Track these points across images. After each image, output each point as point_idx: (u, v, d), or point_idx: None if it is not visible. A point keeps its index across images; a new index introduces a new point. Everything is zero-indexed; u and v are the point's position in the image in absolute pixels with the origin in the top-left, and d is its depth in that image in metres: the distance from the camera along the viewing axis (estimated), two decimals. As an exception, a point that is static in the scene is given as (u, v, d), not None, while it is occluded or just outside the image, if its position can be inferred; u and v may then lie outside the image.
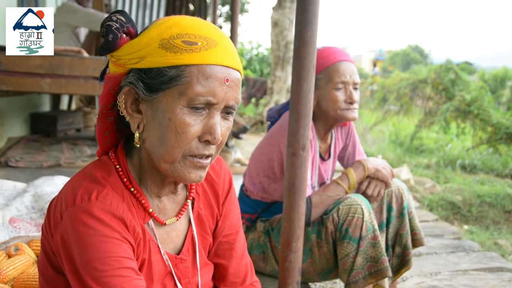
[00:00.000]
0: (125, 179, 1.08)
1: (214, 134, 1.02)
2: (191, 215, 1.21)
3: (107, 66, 1.09)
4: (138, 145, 1.07)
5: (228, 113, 1.06)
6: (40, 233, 1.97)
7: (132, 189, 1.08)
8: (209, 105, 1.01)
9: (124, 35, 1.02)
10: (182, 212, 1.18)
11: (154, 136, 1.03)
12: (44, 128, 5.42)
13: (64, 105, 6.73)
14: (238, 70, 1.05)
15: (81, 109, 6.61)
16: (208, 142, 1.03)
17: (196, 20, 1.04)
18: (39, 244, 1.89)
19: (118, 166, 1.09)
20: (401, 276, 2.30)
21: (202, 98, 0.99)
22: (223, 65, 1.01)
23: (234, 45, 1.07)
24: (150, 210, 1.11)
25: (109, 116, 1.10)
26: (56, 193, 2.44)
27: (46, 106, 6.40)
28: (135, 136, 1.06)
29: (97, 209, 0.98)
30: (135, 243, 1.04)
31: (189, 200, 1.20)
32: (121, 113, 1.05)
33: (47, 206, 2.37)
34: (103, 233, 0.97)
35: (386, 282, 2.07)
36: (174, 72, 0.98)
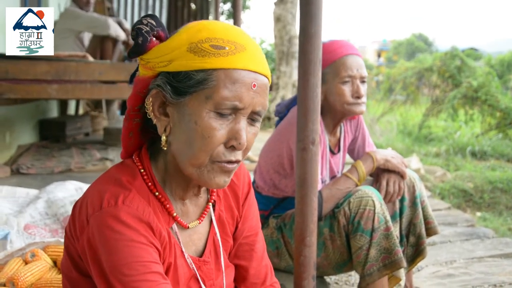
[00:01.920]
0: (149, 183, 1.08)
1: (239, 139, 1.01)
2: (213, 217, 1.22)
3: (137, 69, 1.10)
4: (165, 148, 1.07)
5: (254, 119, 1.06)
6: (54, 239, 1.98)
7: (157, 193, 1.09)
8: (235, 110, 1.01)
9: (154, 38, 1.03)
10: (204, 215, 1.19)
11: (180, 139, 1.04)
12: (53, 134, 5.45)
13: (71, 110, 6.77)
14: (265, 76, 1.04)
15: (89, 113, 6.65)
16: (233, 148, 1.03)
17: (225, 24, 1.05)
18: (55, 250, 1.91)
19: (142, 170, 1.09)
20: (416, 265, 2.29)
21: (228, 102, 0.99)
22: (250, 70, 1.01)
23: (262, 50, 1.07)
24: (174, 214, 1.11)
25: (135, 117, 1.11)
26: (69, 198, 2.47)
27: (54, 112, 6.44)
28: (162, 139, 1.06)
29: (124, 214, 0.98)
30: (161, 247, 1.04)
31: (210, 203, 1.21)
32: (149, 115, 1.06)
33: (60, 211, 2.38)
34: (130, 237, 0.97)
35: (402, 272, 2.07)
36: (202, 76, 0.99)
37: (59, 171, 3.96)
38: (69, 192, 2.64)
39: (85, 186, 2.79)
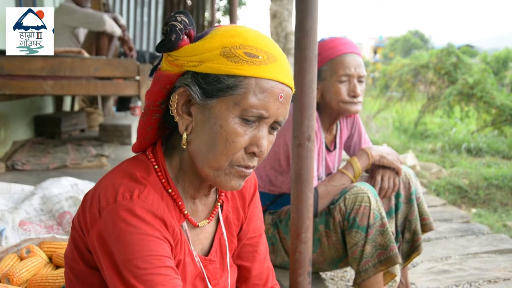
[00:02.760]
0: (163, 180, 1.09)
1: (260, 147, 1.03)
2: (221, 217, 1.23)
3: (159, 63, 1.09)
4: (184, 147, 1.07)
5: (274, 128, 1.07)
6: (50, 235, 1.98)
7: (170, 190, 1.09)
8: (260, 119, 1.02)
9: (185, 36, 1.03)
10: (213, 215, 1.20)
11: (202, 140, 1.04)
12: (48, 130, 5.42)
13: (67, 106, 6.74)
14: (291, 87, 1.06)
15: (84, 110, 6.62)
16: (253, 154, 1.04)
17: (258, 33, 1.05)
18: (50, 246, 1.90)
19: (156, 166, 1.10)
20: (411, 261, 2.30)
21: (255, 111, 1.00)
22: (279, 81, 1.02)
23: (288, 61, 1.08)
24: (186, 212, 1.12)
25: (155, 112, 1.11)
26: (64, 195, 2.47)
27: (49, 108, 6.41)
28: (182, 137, 1.06)
29: (139, 208, 0.99)
30: (173, 243, 1.05)
31: (219, 203, 1.22)
32: (171, 112, 1.06)
33: (55, 207, 2.38)
34: (145, 231, 0.98)
35: (398, 268, 2.07)
36: (232, 81, 0.99)
37: (55, 167, 3.95)
38: (64, 188, 2.63)
39: (80, 183, 2.79)
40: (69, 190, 2.63)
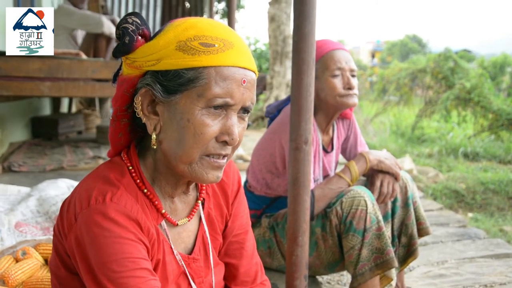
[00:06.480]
0: (138, 180, 1.09)
1: (231, 135, 1.03)
2: (202, 215, 1.22)
3: (120, 68, 1.09)
4: (155, 147, 1.07)
5: (244, 113, 1.07)
6: (46, 237, 1.97)
7: (145, 190, 1.09)
8: (226, 107, 1.02)
9: (140, 37, 1.02)
10: (193, 213, 1.19)
11: (171, 137, 1.04)
12: (46, 132, 5.42)
13: (64, 108, 6.73)
14: (253, 71, 1.06)
15: (82, 112, 6.62)
16: (225, 143, 1.04)
17: (212, 21, 1.05)
18: (46, 248, 1.90)
19: (131, 167, 1.09)
20: (408, 266, 2.30)
21: (220, 99, 1.00)
22: (239, 67, 1.02)
23: (247, 46, 1.08)
24: (163, 211, 1.12)
25: (123, 118, 1.11)
26: (61, 196, 2.46)
27: (46, 109, 6.41)
28: (152, 137, 1.06)
29: (112, 211, 0.98)
30: (149, 244, 1.05)
31: (199, 201, 1.21)
32: (137, 114, 1.06)
33: (52, 209, 2.37)
34: (119, 234, 0.98)
35: (394, 272, 2.07)
36: (192, 74, 0.99)
37: (51, 169, 3.94)
38: (61, 190, 2.63)
39: (77, 184, 2.78)
40: (65, 192, 2.63)
